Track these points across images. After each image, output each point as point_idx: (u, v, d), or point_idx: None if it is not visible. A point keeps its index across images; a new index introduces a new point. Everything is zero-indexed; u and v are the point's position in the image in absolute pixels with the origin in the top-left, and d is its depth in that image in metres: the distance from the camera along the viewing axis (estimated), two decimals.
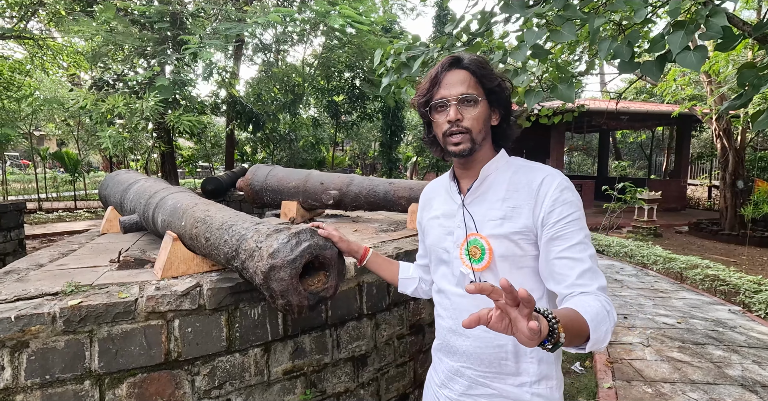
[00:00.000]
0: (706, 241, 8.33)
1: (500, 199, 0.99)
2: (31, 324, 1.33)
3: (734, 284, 4.66)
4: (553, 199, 0.93)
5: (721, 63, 5.55)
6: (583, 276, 0.89)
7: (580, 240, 0.92)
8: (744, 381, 2.77)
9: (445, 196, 1.13)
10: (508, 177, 1.01)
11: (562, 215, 0.92)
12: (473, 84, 0.98)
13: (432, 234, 1.13)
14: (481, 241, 0.98)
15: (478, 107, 0.98)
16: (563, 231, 0.92)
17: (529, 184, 0.97)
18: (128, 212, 2.32)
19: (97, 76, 6.82)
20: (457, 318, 1.05)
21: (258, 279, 1.12)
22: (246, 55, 10.65)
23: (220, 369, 1.65)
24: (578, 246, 0.91)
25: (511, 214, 0.96)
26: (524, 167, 1.02)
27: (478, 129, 0.98)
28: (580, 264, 0.90)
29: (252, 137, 10.36)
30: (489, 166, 1.03)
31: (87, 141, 12.21)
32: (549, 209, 0.93)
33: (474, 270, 0.99)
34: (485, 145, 1.03)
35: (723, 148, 8.43)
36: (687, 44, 1.29)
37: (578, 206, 0.95)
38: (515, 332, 0.67)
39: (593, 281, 0.89)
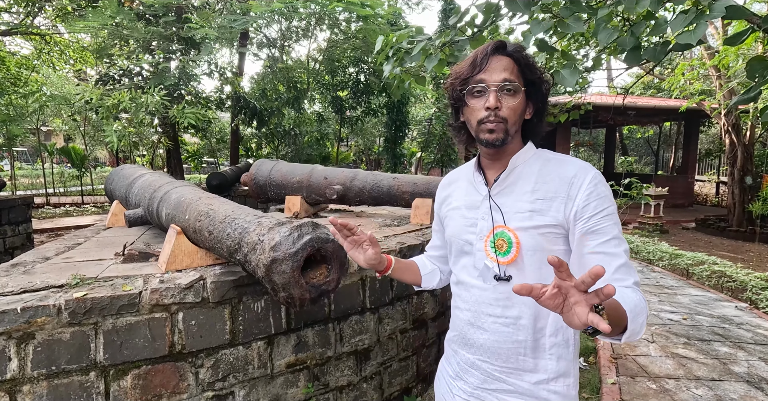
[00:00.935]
0: (713, 238, 8.26)
1: (529, 191, 0.96)
2: (37, 316, 1.35)
3: (741, 281, 4.62)
4: (587, 192, 0.90)
5: (730, 57, 5.46)
6: (619, 271, 0.88)
7: (615, 234, 0.89)
8: (750, 378, 2.75)
9: (467, 186, 1.09)
10: (537, 169, 0.98)
11: (598, 209, 0.90)
12: (516, 72, 0.94)
13: (452, 226, 1.09)
14: (508, 234, 0.95)
15: (517, 97, 0.94)
16: (598, 225, 0.89)
17: (561, 177, 0.94)
18: (133, 206, 2.34)
19: (103, 71, 6.84)
20: (476, 310, 1.03)
21: (260, 272, 1.12)
22: (251, 50, 10.64)
23: (224, 361, 1.66)
24: (613, 241, 0.89)
25: (541, 207, 0.94)
26: (554, 160, 0.99)
27: (513, 120, 0.95)
28: (615, 259, 0.88)
29: (257, 133, 10.38)
30: (518, 157, 1.00)
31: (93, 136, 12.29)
32: (583, 203, 0.90)
33: (499, 264, 0.97)
34: (516, 137, 1.00)
35: (731, 143, 8.33)
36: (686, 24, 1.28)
37: (612, 200, 0.92)
38: (567, 312, 0.68)
39: (629, 276, 0.88)
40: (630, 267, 0.89)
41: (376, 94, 10.65)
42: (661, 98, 12.90)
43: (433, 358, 2.57)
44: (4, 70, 9.00)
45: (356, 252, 1.10)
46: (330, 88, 10.66)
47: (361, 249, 1.10)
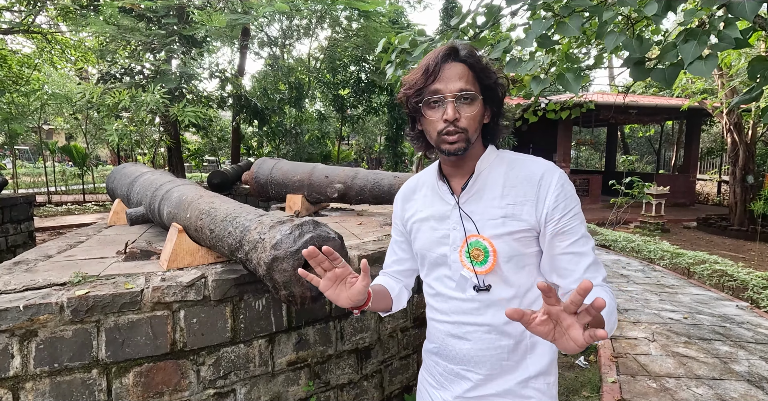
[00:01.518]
0: (714, 237, 8.25)
1: (498, 196, 0.95)
2: (39, 314, 1.35)
3: (742, 280, 4.62)
4: (555, 194, 0.91)
5: (733, 56, 5.45)
6: (589, 269, 0.90)
7: (582, 233, 0.91)
8: (750, 377, 2.75)
9: (432, 196, 1.06)
10: (503, 172, 0.97)
11: (567, 210, 0.91)
12: (471, 80, 0.91)
13: (422, 239, 1.05)
14: (483, 243, 0.94)
15: (475, 106, 0.92)
16: (567, 225, 0.90)
17: (529, 179, 0.93)
18: (135, 204, 2.34)
19: (105, 70, 6.85)
20: (456, 321, 1.00)
21: (261, 270, 1.13)
22: (252, 48, 10.64)
23: (225, 359, 1.67)
24: (581, 240, 0.91)
25: (513, 212, 0.93)
26: (518, 161, 0.98)
27: (474, 128, 0.93)
28: (585, 258, 0.90)
29: (258, 131, 10.38)
30: (482, 162, 0.97)
31: (95, 135, 12.31)
32: (553, 205, 0.91)
33: (477, 274, 0.95)
34: (477, 142, 0.98)
35: (733, 142, 8.31)
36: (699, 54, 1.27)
37: (577, 198, 0.94)
38: (560, 339, 0.67)
39: (597, 273, 0.90)
40: (598, 264, 0.91)
41: (377, 93, 10.64)
42: (662, 97, 12.87)
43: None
44: (5, 69, 9.01)
45: (337, 290, 0.92)
46: (331, 87, 10.66)
47: (343, 285, 0.92)
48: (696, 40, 1.30)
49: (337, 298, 0.92)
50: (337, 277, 0.91)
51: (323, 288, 0.91)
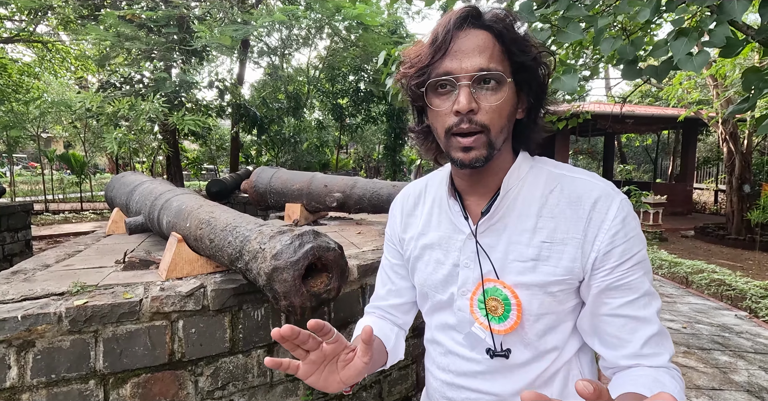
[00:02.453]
0: (712, 246, 8.27)
1: (530, 229, 0.68)
2: (37, 324, 1.35)
3: (741, 289, 4.62)
4: (613, 232, 0.64)
5: (727, 67, 5.52)
6: (650, 342, 0.65)
7: (646, 290, 0.65)
8: (750, 387, 2.74)
9: (438, 214, 0.79)
10: (539, 193, 0.69)
11: (626, 256, 0.64)
12: (497, 55, 0.63)
13: (424, 271, 0.79)
14: (504, 292, 0.69)
15: (501, 92, 0.63)
16: (625, 278, 0.64)
17: (575, 207, 0.66)
18: (134, 213, 2.34)
19: (104, 78, 6.90)
20: (455, 383, 0.78)
21: (261, 281, 1.13)
22: (251, 58, 10.73)
23: (224, 370, 1.66)
24: (642, 300, 0.65)
25: (549, 254, 0.67)
26: (563, 178, 0.69)
27: (499, 126, 0.65)
28: (646, 326, 0.65)
29: (257, 140, 10.42)
30: (511, 177, 0.70)
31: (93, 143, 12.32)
32: (607, 247, 0.64)
33: (494, 333, 0.70)
34: (505, 147, 0.70)
35: (729, 151, 8.38)
36: (689, 50, 1.30)
37: (643, 239, 0.66)
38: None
39: (663, 349, 0.65)
40: (664, 336, 0.66)
41: (375, 102, 10.72)
42: (658, 107, 13.01)
43: None
44: (5, 77, 9.05)
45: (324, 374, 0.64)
46: (330, 96, 10.74)
47: (334, 365, 0.65)
48: (687, 38, 1.33)
49: (325, 385, 0.64)
50: (325, 358, 0.63)
51: (302, 374, 0.62)
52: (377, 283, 0.92)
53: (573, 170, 0.71)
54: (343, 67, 10.45)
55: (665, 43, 1.39)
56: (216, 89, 7.63)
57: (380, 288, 0.91)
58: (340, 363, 0.64)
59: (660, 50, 1.41)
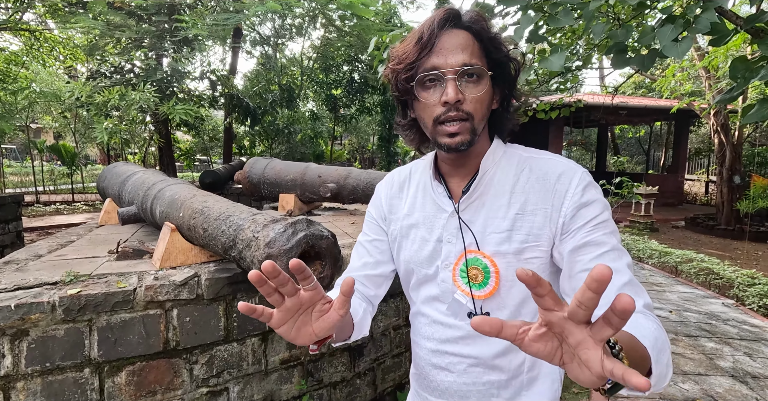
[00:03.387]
0: (702, 236, 8.38)
1: (505, 204, 0.76)
2: (30, 313, 1.35)
3: (728, 278, 4.71)
4: (576, 199, 0.72)
5: (719, 58, 5.55)
6: (623, 290, 0.66)
7: (613, 245, 0.69)
8: (735, 373, 2.82)
9: (422, 197, 0.86)
10: (512, 173, 0.77)
11: (589, 218, 0.71)
12: (477, 51, 0.72)
13: (409, 250, 0.86)
14: (483, 261, 0.76)
15: (482, 85, 0.72)
16: (591, 235, 0.70)
17: (543, 182, 0.75)
18: (126, 204, 2.33)
19: (94, 68, 6.79)
20: (439, 350, 0.83)
21: (255, 268, 1.14)
22: (244, 47, 10.59)
23: (218, 358, 1.67)
24: (612, 253, 0.69)
25: (522, 225, 0.74)
26: (531, 159, 0.78)
27: (481, 114, 0.73)
28: (617, 275, 0.67)
29: (250, 131, 10.34)
30: (487, 160, 0.78)
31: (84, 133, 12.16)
32: (572, 212, 0.72)
33: (474, 298, 0.77)
34: (483, 134, 0.79)
35: (720, 143, 8.45)
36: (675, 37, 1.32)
37: (606, 205, 0.73)
38: (569, 363, 0.44)
39: (637, 297, 0.66)
40: (637, 286, 0.68)
41: (370, 93, 10.66)
42: (651, 98, 13.06)
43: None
44: None
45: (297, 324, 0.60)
46: (324, 86, 10.66)
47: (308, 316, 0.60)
48: (673, 24, 1.34)
49: (296, 336, 0.60)
50: (301, 306, 0.58)
51: (275, 322, 0.58)
52: (353, 257, 0.96)
53: (539, 152, 0.81)
54: (337, 57, 10.36)
55: (652, 29, 1.40)
56: (207, 80, 7.55)
57: (356, 261, 0.94)
58: (315, 314, 0.60)
59: (647, 37, 1.42)
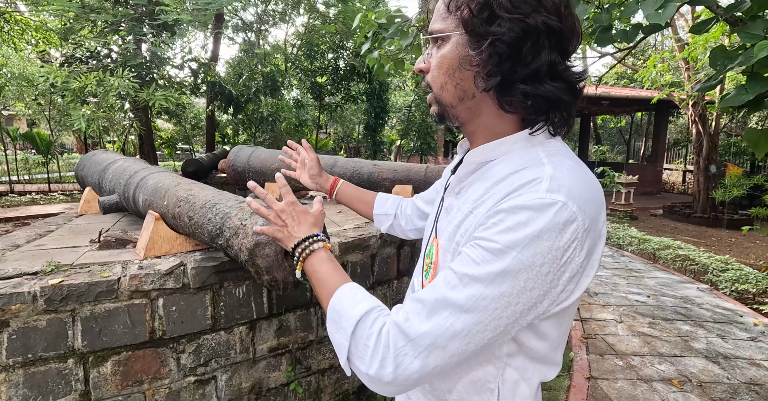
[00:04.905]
0: (679, 224, 8.63)
1: (475, 198, 0.63)
2: (11, 303, 1.32)
3: (703, 264, 4.88)
4: (497, 209, 0.55)
5: (699, 49, 5.65)
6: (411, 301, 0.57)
7: (458, 270, 0.54)
8: (708, 354, 2.94)
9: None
10: (509, 170, 0.61)
11: (480, 234, 0.55)
12: (442, 11, 0.62)
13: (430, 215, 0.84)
14: (433, 250, 0.70)
15: (443, 49, 0.62)
16: (465, 249, 0.56)
17: (512, 184, 0.57)
18: (107, 192, 2.28)
19: (69, 52, 6.54)
20: None
21: (243, 256, 1.13)
22: (226, 33, 10.33)
23: (206, 346, 1.66)
24: (448, 274, 0.55)
25: (468, 226, 0.61)
26: (537, 161, 0.60)
27: (439, 83, 0.64)
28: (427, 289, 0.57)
29: (233, 119, 10.16)
30: (484, 150, 0.64)
31: (59, 121, 11.76)
32: (483, 220, 0.57)
33: (423, 287, 0.70)
34: (480, 113, 0.64)
35: (698, 133, 8.66)
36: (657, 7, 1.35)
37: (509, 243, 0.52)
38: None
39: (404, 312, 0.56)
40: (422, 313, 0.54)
41: (356, 81, 10.55)
42: (633, 89, 13.26)
43: None
44: None
45: (302, 172, 1.16)
46: (309, 74, 10.49)
47: (304, 166, 1.16)
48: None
49: (305, 181, 1.13)
50: (301, 163, 1.16)
51: (296, 175, 1.14)
52: None
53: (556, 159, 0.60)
54: (322, 44, 10.19)
55: (637, 2, 1.43)
56: (188, 68, 7.35)
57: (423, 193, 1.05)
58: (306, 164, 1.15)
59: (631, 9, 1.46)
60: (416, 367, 0.53)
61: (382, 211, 1.10)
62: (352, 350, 0.57)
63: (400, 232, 1.10)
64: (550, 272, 0.52)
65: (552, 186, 0.53)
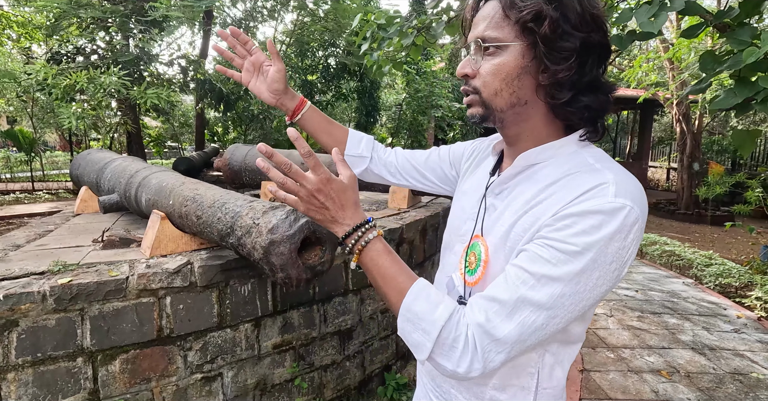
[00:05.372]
0: (663, 220, 8.85)
1: (527, 199, 0.65)
2: (20, 303, 1.32)
3: (688, 259, 5.02)
4: (567, 213, 0.58)
5: (683, 50, 5.80)
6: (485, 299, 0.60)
7: (534, 271, 0.58)
8: (694, 345, 3.05)
9: (482, 167, 0.84)
10: (559, 173, 0.65)
11: (552, 235, 0.58)
12: (498, 20, 0.63)
13: (453, 214, 0.85)
14: (481, 248, 0.70)
15: (499, 57, 0.64)
16: (534, 248, 0.59)
17: (575, 189, 0.60)
18: (106, 192, 2.27)
19: (55, 49, 6.41)
20: None
21: (257, 254, 1.15)
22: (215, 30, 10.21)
23: (212, 344, 1.69)
24: (523, 274, 0.58)
25: (524, 226, 0.64)
26: (591, 167, 0.64)
27: (493, 89, 0.65)
28: (500, 286, 0.60)
29: (223, 117, 10.07)
30: (532, 154, 0.68)
31: (42, 119, 11.52)
32: (551, 222, 0.59)
33: (466, 284, 0.72)
34: (528, 118, 0.68)
35: (682, 131, 8.87)
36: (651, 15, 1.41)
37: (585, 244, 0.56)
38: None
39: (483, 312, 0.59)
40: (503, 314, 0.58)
41: (347, 79, 10.54)
42: (620, 88, 13.48)
43: None
44: None
45: (257, 83, 0.94)
46: (299, 72, 10.45)
47: (262, 76, 0.94)
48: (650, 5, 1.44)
49: (260, 92, 0.93)
50: (254, 66, 0.94)
51: (245, 80, 0.94)
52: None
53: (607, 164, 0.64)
54: (312, 42, 10.15)
55: (631, 10, 1.49)
56: (178, 65, 7.26)
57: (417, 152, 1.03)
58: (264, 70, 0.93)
59: (626, 16, 1.51)
60: (501, 360, 0.59)
61: (356, 153, 1.00)
62: (436, 350, 0.60)
63: (371, 177, 1.04)
64: (617, 269, 0.58)
65: (619, 191, 0.58)
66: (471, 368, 0.59)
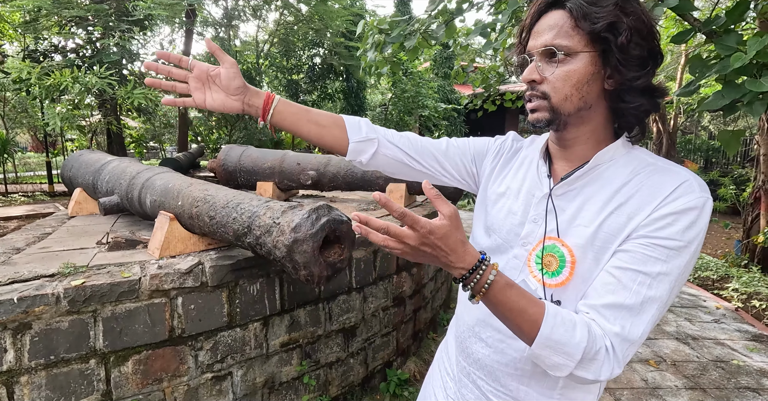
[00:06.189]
0: None
1: (604, 199, 0.71)
2: (34, 305, 1.31)
3: None
4: (665, 213, 0.65)
5: None
6: (611, 309, 0.64)
7: (652, 272, 0.64)
8: (678, 336, 3.19)
9: (524, 170, 0.85)
10: (626, 172, 0.71)
11: (658, 234, 0.64)
12: (567, 29, 0.68)
13: (495, 216, 0.85)
14: (562, 249, 0.72)
15: (568, 64, 0.69)
16: (641, 248, 0.65)
17: (654, 191, 0.67)
18: (103, 193, 2.25)
19: (31, 46, 6.23)
20: (485, 321, 0.82)
21: (279, 253, 1.18)
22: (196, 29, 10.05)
23: (222, 343, 1.70)
24: (638, 276, 0.64)
25: (613, 225, 0.68)
26: (654, 165, 0.71)
27: (563, 94, 0.70)
28: (620, 292, 0.64)
29: (205, 117, 9.93)
30: (606, 153, 0.73)
31: (15, 119, 11.12)
32: (650, 221, 0.65)
33: (545, 286, 0.73)
34: (590, 121, 0.74)
35: (658, 131, 9.20)
36: None
37: (689, 239, 0.64)
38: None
39: (617, 322, 0.64)
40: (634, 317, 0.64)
41: (332, 79, 10.53)
42: None
43: (410, 333, 2.73)
44: None
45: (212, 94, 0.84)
46: (284, 72, 10.39)
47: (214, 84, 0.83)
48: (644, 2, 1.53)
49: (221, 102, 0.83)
50: (199, 80, 0.83)
51: (198, 101, 0.82)
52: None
53: (668, 162, 0.72)
54: (297, 41, 10.11)
55: None
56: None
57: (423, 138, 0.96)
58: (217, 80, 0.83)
59: None
60: (633, 351, 0.66)
61: (362, 137, 0.90)
62: (579, 367, 0.63)
63: (380, 162, 0.93)
64: (698, 249, 0.66)
65: (701, 185, 0.66)
66: (612, 373, 0.64)
